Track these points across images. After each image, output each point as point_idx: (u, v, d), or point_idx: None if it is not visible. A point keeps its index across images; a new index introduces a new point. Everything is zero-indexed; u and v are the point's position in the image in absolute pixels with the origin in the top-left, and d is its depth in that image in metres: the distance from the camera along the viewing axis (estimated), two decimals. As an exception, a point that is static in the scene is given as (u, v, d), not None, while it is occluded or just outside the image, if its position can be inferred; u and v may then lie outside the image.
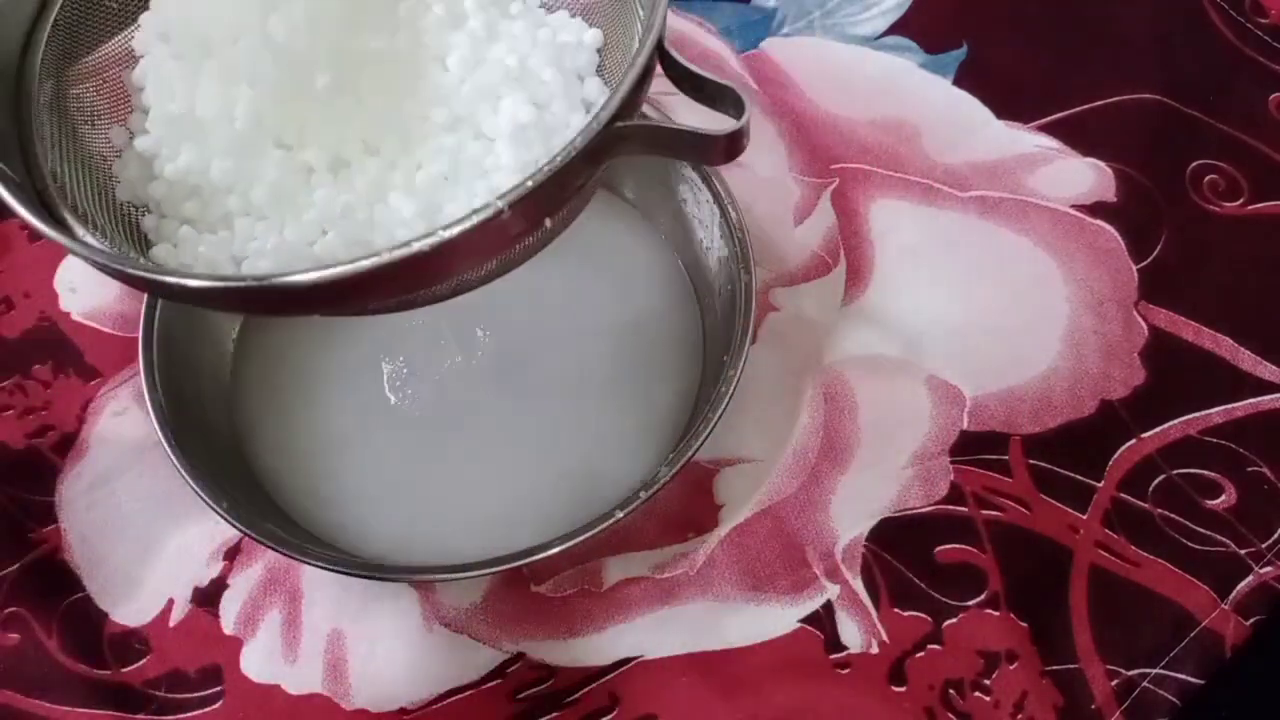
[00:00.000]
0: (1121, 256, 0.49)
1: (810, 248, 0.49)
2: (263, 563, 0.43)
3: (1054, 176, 0.51)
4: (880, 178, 0.51)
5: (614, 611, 0.42)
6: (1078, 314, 0.48)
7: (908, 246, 0.49)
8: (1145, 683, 0.40)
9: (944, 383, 0.46)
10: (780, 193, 0.51)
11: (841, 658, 0.41)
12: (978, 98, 0.54)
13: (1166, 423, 0.45)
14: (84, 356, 0.47)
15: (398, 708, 0.40)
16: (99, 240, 0.30)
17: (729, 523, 0.43)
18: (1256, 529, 0.43)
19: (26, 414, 0.46)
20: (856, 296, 0.48)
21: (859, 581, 0.42)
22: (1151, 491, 0.44)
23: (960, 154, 0.52)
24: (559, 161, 0.27)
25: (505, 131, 0.32)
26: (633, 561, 0.42)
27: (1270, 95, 0.54)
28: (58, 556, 0.43)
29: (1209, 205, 0.51)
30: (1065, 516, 0.43)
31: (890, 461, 0.44)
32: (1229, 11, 0.56)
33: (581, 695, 0.40)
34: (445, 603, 0.42)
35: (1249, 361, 0.47)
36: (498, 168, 0.32)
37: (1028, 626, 0.41)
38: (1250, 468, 0.44)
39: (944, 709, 0.40)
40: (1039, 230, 0.50)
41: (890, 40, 0.56)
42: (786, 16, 0.57)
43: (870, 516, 0.43)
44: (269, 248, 0.31)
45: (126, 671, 0.41)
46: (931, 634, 0.41)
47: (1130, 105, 0.53)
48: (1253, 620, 0.41)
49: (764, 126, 0.53)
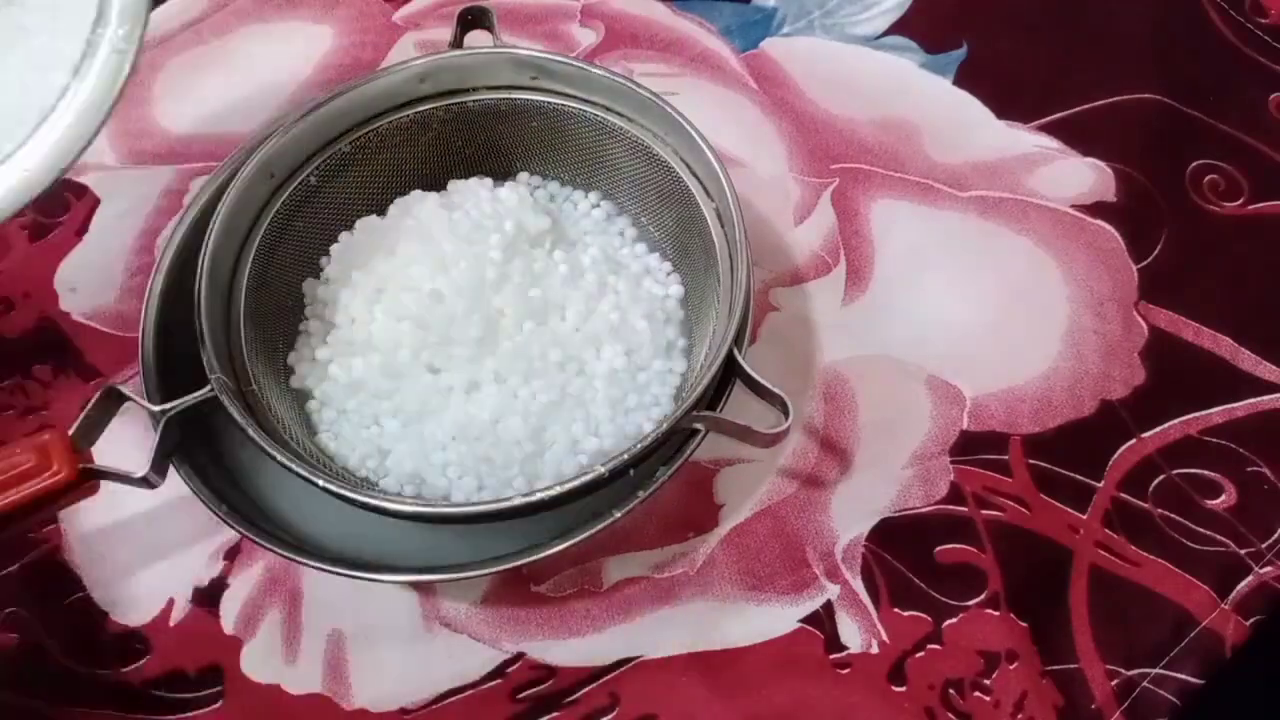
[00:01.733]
0: (1121, 256, 0.49)
1: (810, 248, 0.49)
2: (263, 563, 0.43)
3: (1054, 176, 0.51)
4: (880, 178, 0.51)
5: (614, 611, 0.42)
6: (1078, 314, 0.48)
7: (908, 246, 0.49)
8: (1145, 683, 0.40)
9: (944, 383, 0.46)
10: (780, 193, 0.51)
11: (841, 658, 0.41)
12: (978, 98, 0.54)
13: (1166, 423, 0.45)
14: (84, 356, 0.47)
15: (398, 708, 0.40)
16: (326, 479, 0.37)
17: (729, 523, 0.43)
18: (1256, 529, 0.43)
19: (27, 414, 0.46)
20: (856, 296, 0.48)
21: (859, 581, 0.42)
22: (1151, 491, 0.44)
23: (960, 154, 0.52)
24: (649, 440, 0.36)
25: (602, 372, 0.41)
26: (633, 561, 0.42)
27: (1270, 95, 0.54)
28: (58, 556, 0.43)
29: (1209, 205, 0.51)
30: (1065, 516, 0.43)
31: (890, 461, 0.44)
32: (1229, 11, 0.56)
33: (581, 695, 0.40)
34: (445, 603, 0.42)
35: (1249, 361, 0.47)
36: (594, 401, 0.41)
37: (1028, 626, 0.41)
38: (1250, 468, 0.44)
39: (944, 709, 0.40)
40: (1039, 230, 0.50)
41: (890, 40, 0.56)
42: (786, 16, 0.57)
43: (870, 516, 0.43)
44: (405, 449, 0.40)
45: (126, 671, 0.41)
46: (931, 634, 0.41)
47: (1130, 105, 0.53)
48: (1253, 620, 0.41)
49: (764, 126, 0.53)
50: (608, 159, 0.46)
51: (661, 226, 0.46)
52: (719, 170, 0.41)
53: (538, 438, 0.40)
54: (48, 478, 0.35)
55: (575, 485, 0.35)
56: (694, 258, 0.44)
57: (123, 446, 0.39)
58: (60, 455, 0.35)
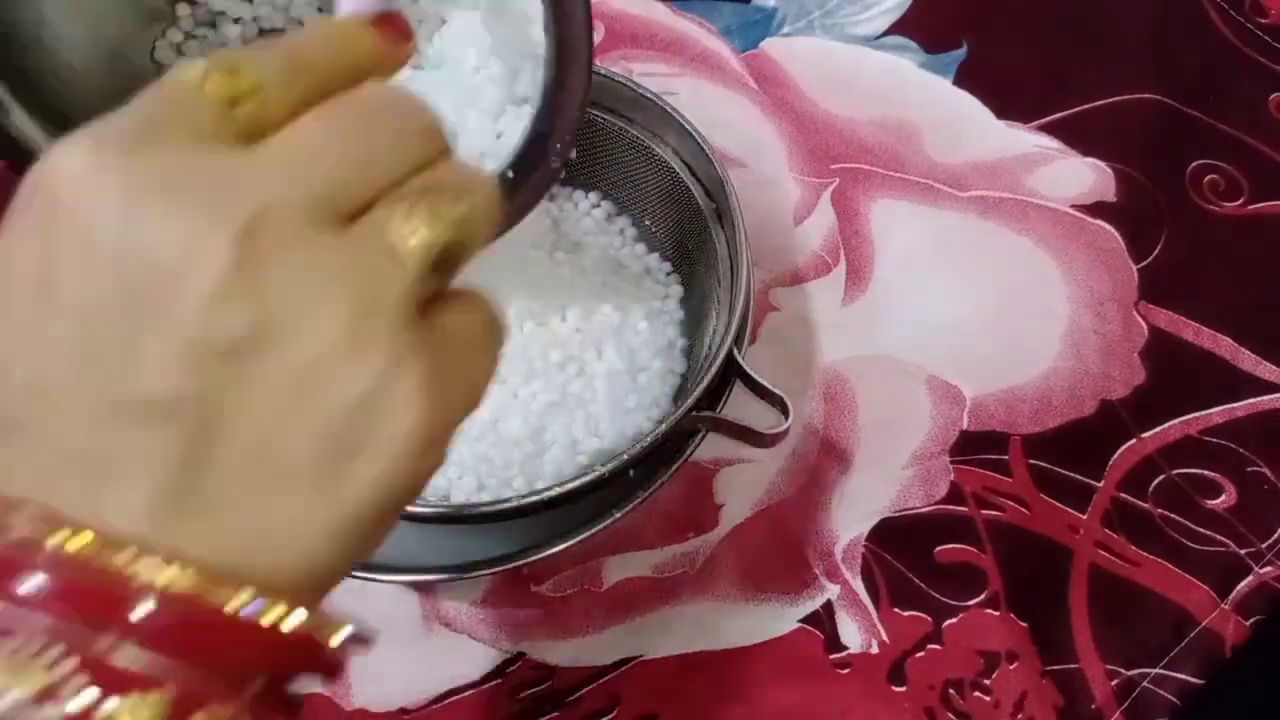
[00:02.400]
0: (1121, 256, 0.49)
1: (810, 248, 0.49)
2: (263, 563, 0.43)
3: (1054, 176, 0.51)
4: (880, 178, 0.51)
5: (614, 611, 0.42)
6: (1078, 314, 0.48)
7: (908, 246, 0.49)
8: (1145, 683, 0.40)
9: (944, 383, 0.46)
10: (780, 193, 0.51)
11: (841, 658, 0.41)
12: (978, 98, 0.54)
13: (1166, 423, 0.45)
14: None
15: (398, 708, 0.40)
16: None
17: (729, 523, 0.43)
18: (1256, 529, 0.43)
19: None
20: (856, 296, 0.48)
21: (859, 581, 0.42)
22: (1151, 491, 0.44)
23: (960, 154, 0.52)
24: (649, 441, 0.36)
25: (602, 373, 0.41)
26: (633, 561, 0.42)
27: (1270, 95, 0.54)
28: (58, 556, 0.43)
29: (1209, 205, 0.51)
30: (1065, 516, 0.43)
31: (890, 461, 0.44)
32: (1229, 11, 0.56)
33: (581, 695, 0.40)
34: (445, 603, 0.42)
35: (1249, 361, 0.47)
36: (594, 401, 0.41)
37: (1028, 626, 0.41)
38: (1250, 468, 0.44)
39: (944, 709, 0.40)
40: (1039, 230, 0.50)
41: (890, 40, 0.56)
42: (786, 16, 0.57)
43: (870, 516, 0.43)
44: None
45: (126, 671, 0.41)
46: (931, 634, 0.41)
47: (1130, 105, 0.53)
48: (1252, 620, 0.41)
49: (764, 126, 0.53)
50: (608, 159, 0.46)
51: (662, 226, 0.46)
52: (719, 170, 0.41)
53: (538, 438, 0.40)
54: None
55: (575, 485, 0.35)
56: (694, 258, 0.44)
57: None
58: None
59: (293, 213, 0.18)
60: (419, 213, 0.19)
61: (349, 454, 0.18)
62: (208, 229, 0.17)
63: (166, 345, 0.17)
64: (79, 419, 0.18)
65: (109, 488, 0.18)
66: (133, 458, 0.17)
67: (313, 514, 0.19)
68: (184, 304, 0.17)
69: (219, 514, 0.18)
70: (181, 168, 0.18)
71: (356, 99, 0.20)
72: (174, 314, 0.17)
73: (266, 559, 0.18)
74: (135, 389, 0.17)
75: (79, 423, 0.18)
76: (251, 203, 0.18)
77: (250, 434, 0.18)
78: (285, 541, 0.19)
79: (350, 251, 0.19)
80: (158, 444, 0.17)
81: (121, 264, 0.17)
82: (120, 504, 0.17)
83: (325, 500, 0.19)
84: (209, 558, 0.18)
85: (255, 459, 0.18)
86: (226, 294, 0.17)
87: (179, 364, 0.17)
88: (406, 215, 0.19)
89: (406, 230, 0.19)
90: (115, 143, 0.18)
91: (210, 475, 0.18)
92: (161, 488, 0.17)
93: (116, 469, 0.17)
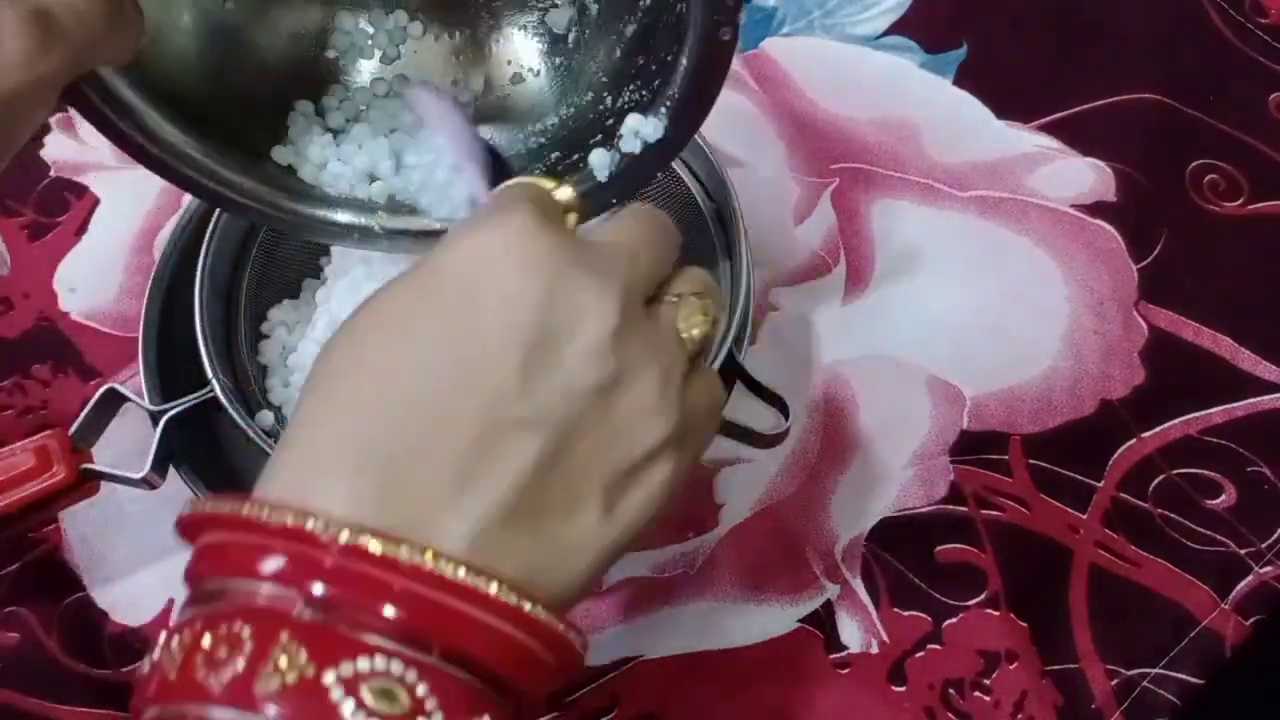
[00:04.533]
0: (1121, 256, 0.49)
1: (810, 248, 0.49)
2: (263, 563, 0.43)
3: (1054, 176, 0.51)
4: (880, 178, 0.51)
5: (614, 611, 0.42)
6: (1078, 314, 0.48)
7: (908, 246, 0.49)
8: (1145, 682, 0.40)
9: (944, 383, 0.46)
10: (780, 193, 0.51)
11: (841, 657, 0.41)
12: (978, 98, 0.54)
13: (1166, 422, 0.45)
14: (83, 356, 0.47)
15: (398, 708, 0.40)
16: None
17: (729, 523, 0.43)
18: (1256, 529, 0.43)
19: (26, 413, 0.46)
20: (856, 296, 0.48)
21: (859, 581, 0.42)
22: (1151, 491, 0.44)
23: (960, 154, 0.52)
24: None
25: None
26: (633, 561, 0.42)
27: (1270, 95, 0.54)
28: (58, 556, 0.43)
29: (1209, 205, 0.51)
30: (1065, 516, 0.43)
31: (890, 461, 0.44)
32: (1229, 11, 0.56)
33: (581, 695, 0.40)
34: (445, 603, 0.42)
35: (1249, 361, 0.47)
36: None
37: (1028, 626, 0.41)
38: (1250, 468, 0.44)
39: (944, 709, 0.40)
40: (1039, 230, 0.50)
41: (890, 40, 0.56)
42: (786, 16, 0.57)
43: (870, 516, 0.43)
44: None
45: (126, 671, 0.41)
46: (931, 634, 0.41)
47: (1130, 105, 0.53)
48: (1252, 620, 0.41)
49: (764, 126, 0.53)
50: (608, 159, 0.46)
51: (662, 226, 0.46)
52: (719, 170, 0.41)
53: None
54: (48, 478, 0.35)
55: None
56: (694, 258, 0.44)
57: (123, 446, 0.39)
58: (60, 456, 0.36)
59: (637, 293, 0.25)
60: (697, 310, 0.26)
61: (629, 488, 0.24)
62: (604, 296, 0.23)
63: (552, 379, 0.22)
64: (464, 433, 0.22)
65: (470, 490, 0.22)
66: (505, 457, 0.22)
67: (595, 531, 0.23)
68: (574, 350, 0.23)
69: (538, 523, 0.22)
70: (577, 249, 0.24)
71: (647, 209, 0.27)
72: (563, 357, 0.23)
73: (552, 576, 0.23)
74: (520, 411, 0.22)
75: (464, 435, 0.22)
76: (621, 280, 0.24)
77: (582, 453, 0.23)
78: (574, 558, 0.23)
79: (657, 331, 0.25)
80: (531, 448, 0.22)
81: (539, 314, 0.23)
82: (473, 505, 0.22)
83: (603, 520, 0.23)
84: (511, 574, 0.21)
85: (578, 475, 0.23)
86: (604, 349, 0.23)
87: (560, 395, 0.23)
88: (690, 311, 0.26)
89: (690, 323, 0.26)
90: (520, 229, 0.23)
91: (553, 478, 0.22)
92: (515, 488, 0.22)
93: (483, 468, 0.22)
